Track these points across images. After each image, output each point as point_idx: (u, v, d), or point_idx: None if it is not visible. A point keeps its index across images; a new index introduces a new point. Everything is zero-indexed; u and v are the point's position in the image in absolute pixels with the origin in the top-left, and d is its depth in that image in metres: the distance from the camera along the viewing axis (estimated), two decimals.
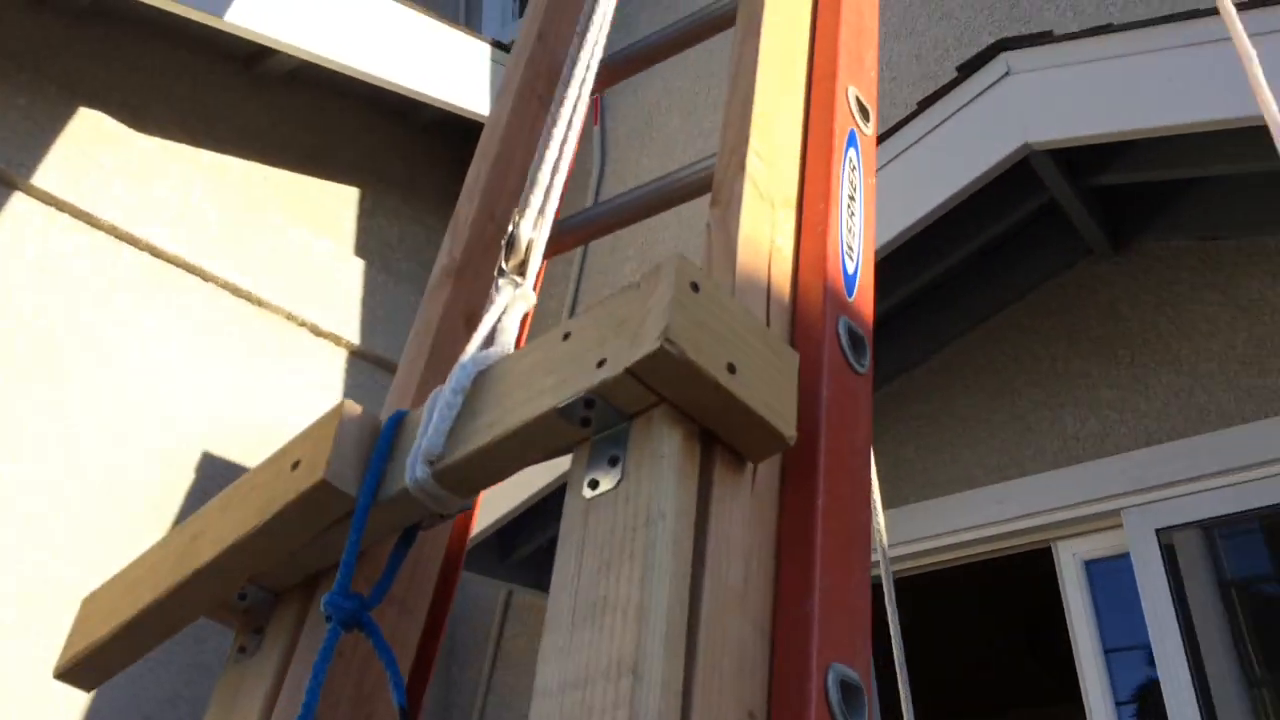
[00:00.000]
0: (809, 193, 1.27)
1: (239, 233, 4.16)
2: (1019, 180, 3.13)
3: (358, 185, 4.85)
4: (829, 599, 0.93)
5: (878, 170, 3.34)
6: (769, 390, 0.96)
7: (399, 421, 1.12)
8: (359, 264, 4.62)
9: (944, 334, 3.58)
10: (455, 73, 4.72)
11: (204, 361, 3.88)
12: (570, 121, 1.36)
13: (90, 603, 1.26)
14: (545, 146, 1.32)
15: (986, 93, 3.13)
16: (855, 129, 1.38)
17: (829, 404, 1.06)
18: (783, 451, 0.99)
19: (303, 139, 4.71)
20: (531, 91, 1.68)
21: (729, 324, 0.96)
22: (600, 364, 0.94)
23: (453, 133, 5.15)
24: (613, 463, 0.94)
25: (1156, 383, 3.29)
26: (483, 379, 1.07)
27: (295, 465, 1.10)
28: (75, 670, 1.22)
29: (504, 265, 1.22)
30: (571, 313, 4.64)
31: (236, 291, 4.04)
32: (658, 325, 0.91)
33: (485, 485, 1.05)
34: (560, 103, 1.37)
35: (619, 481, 0.92)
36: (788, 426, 0.96)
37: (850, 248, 1.25)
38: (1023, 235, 3.47)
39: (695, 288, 0.95)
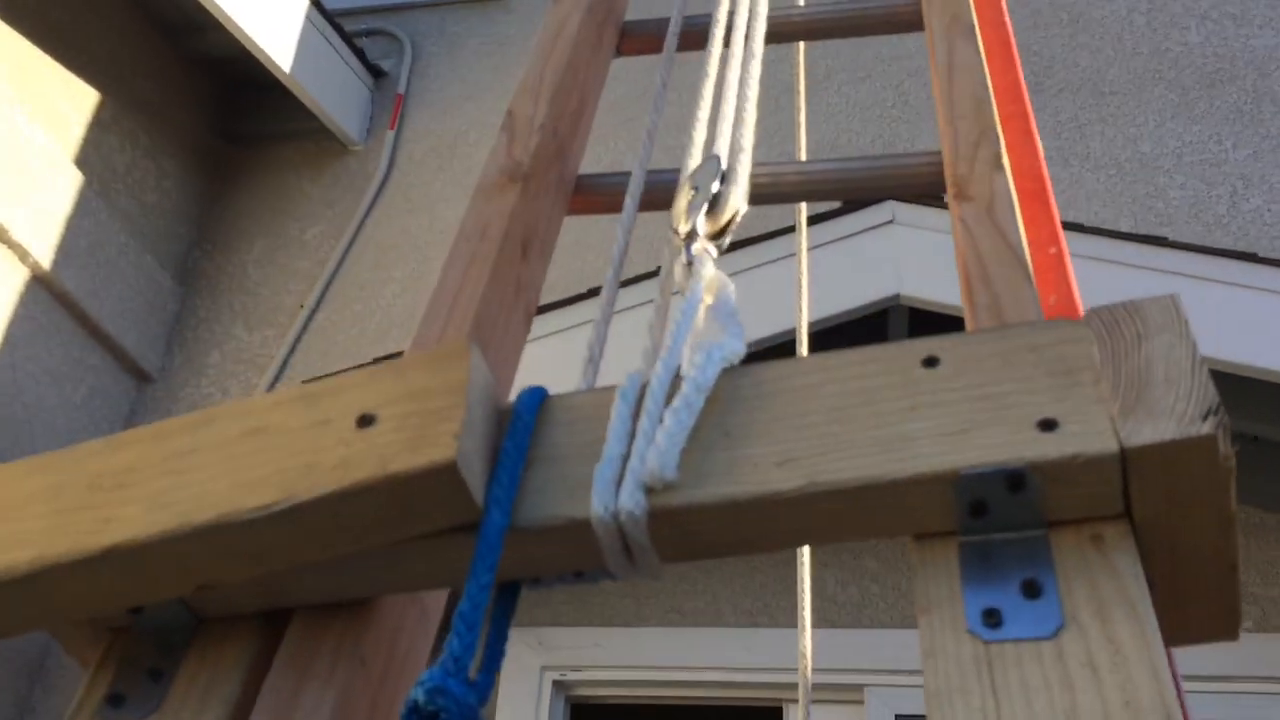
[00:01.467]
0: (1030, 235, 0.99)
1: None
2: (872, 327, 3.03)
3: (102, 91, 4.06)
4: None
5: (744, 272, 3.13)
6: None
7: (542, 403, 0.69)
8: (77, 177, 3.81)
9: None
10: (261, 9, 4.09)
11: None
12: (749, 76, 1.00)
13: None
14: (744, 102, 0.94)
15: (870, 231, 3.04)
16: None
17: None
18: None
19: (60, 14, 3.90)
20: (594, 18, 1.29)
21: None
22: (1046, 426, 0.58)
23: (229, 74, 4.47)
24: (1030, 591, 0.56)
25: None
26: (730, 384, 0.66)
27: (366, 421, 0.64)
28: None
29: (698, 229, 0.82)
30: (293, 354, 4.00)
31: None
32: (1190, 397, 0.56)
33: (711, 554, 0.64)
34: (746, 55, 1.00)
35: (1057, 630, 0.54)
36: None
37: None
38: None
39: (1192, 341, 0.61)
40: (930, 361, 0.63)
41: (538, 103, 1.09)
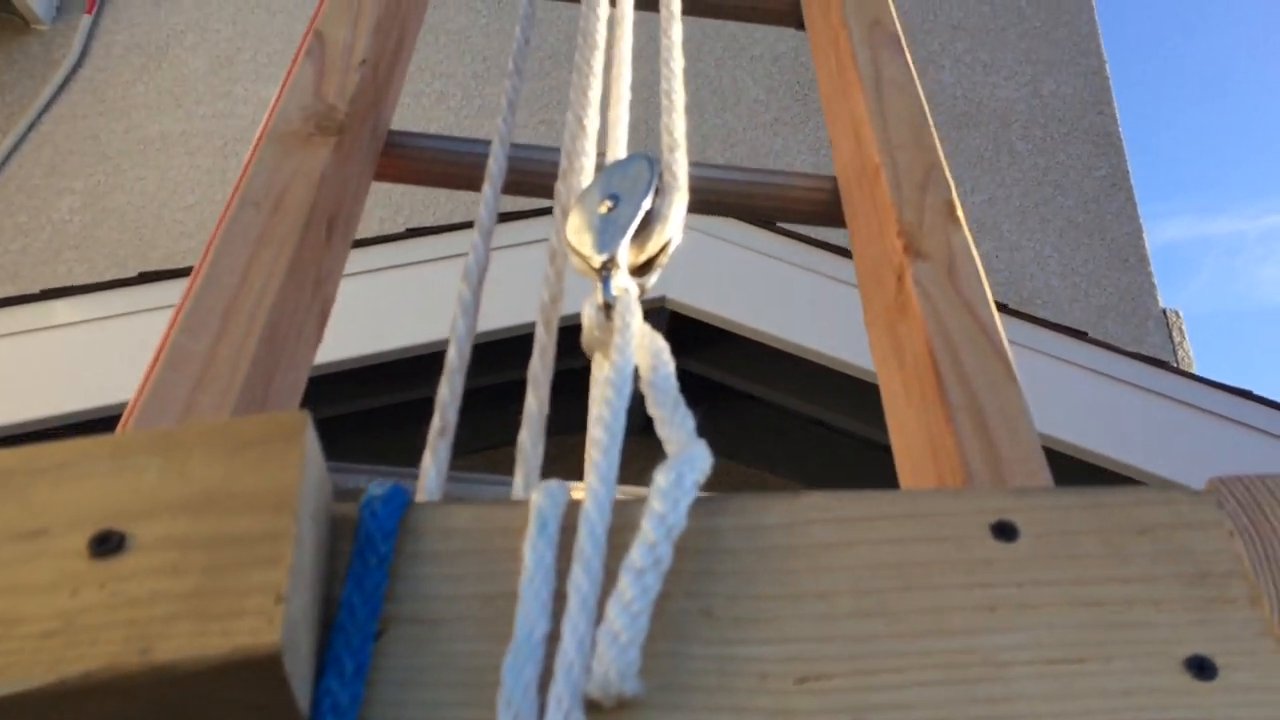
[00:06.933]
0: None
1: None
2: None
3: None
4: None
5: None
6: None
7: (402, 520, 0.45)
8: None
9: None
10: None
11: None
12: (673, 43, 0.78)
13: None
14: (672, 79, 0.72)
15: None
16: None
17: None
18: None
19: None
20: None
21: None
22: (1199, 669, 0.41)
23: None
24: None
25: None
26: (705, 526, 0.45)
27: (107, 544, 0.38)
28: None
29: (618, 260, 0.59)
30: None
31: None
32: None
33: None
34: (666, 15, 0.78)
35: None
36: None
37: None
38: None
39: None
40: (1004, 530, 0.43)
41: (357, 29, 0.82)
